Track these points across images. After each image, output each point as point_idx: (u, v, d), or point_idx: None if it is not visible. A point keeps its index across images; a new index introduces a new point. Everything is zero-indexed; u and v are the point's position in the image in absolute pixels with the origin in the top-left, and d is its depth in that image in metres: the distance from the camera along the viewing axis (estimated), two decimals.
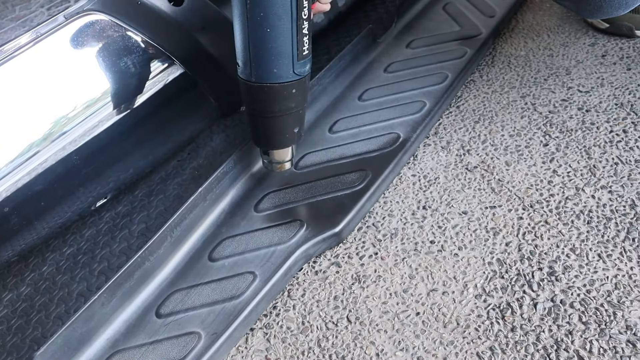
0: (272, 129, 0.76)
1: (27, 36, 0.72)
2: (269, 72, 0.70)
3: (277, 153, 0.80)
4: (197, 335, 0.67)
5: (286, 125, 0.76)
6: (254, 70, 0.70)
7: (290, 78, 0.71)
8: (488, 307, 0.69)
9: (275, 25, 0.67)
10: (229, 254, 0.76)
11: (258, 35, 0.68)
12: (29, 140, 0.71)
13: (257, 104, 0.74)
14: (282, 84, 0.71)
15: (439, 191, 0.85)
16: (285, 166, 0.82)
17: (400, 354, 0.66)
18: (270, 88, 0.71)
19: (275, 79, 0.70)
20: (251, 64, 0.70)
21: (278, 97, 0.72)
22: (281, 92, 0.72)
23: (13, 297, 0.82)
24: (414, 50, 1.10)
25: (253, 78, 0.71)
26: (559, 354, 0.64)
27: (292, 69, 0.70)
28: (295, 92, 0.73)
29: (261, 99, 0.73)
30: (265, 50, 0.68)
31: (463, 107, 1.01)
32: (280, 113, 0.74)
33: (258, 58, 0.69)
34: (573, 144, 0.90)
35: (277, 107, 0.73)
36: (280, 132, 0.77)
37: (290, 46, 0.69)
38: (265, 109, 0.74)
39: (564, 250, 0.74)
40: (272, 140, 0.78)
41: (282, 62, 0.69)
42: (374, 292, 0.73)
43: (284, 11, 0.66)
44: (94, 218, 0.92)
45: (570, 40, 1.14)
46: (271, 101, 0.73)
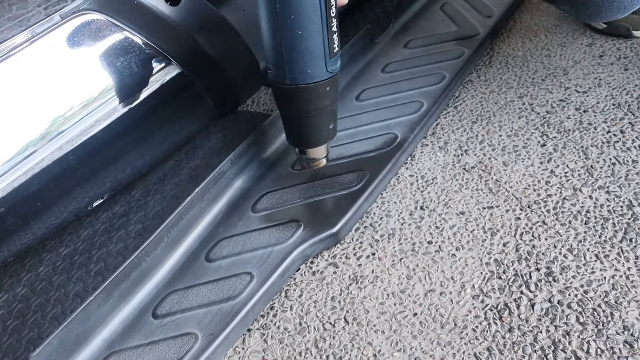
0: (309, 128, 0.77)
1: (23, 35, 0.72)
2: (303, 73, 0.71)
3: (314, 151, 0.81)
4: (194, 336, 0.67)
5: (322, 123, 0.77)
6: (288, 72, 0.71)
7: (324, 77, 0.72)
8: (485, 307, 0.69)
9: (306, 26, 0.67)
10: (226, 254, 0.76)
11: (289, 39, 0.68)
12: (25, 140, 0.71)
13: (292, 105, 0.75)
14: (317, 83, 0.72)
15: (436, 191, 0.85)
16: (322, 162, 0.82)
17: (397, 354, 0.66)
18: (305, 89, 0.72)
19: (310, 79, 0.71)
20: (285, 67, 0.70)
21: (313, 96, 0.73)
22: (316, 91, 0.72)
23: (9, 297, 0.82)
24: (411, 50, 1.10)
25: (287, 81, 0.72)
26: (557, 354, 0.64)
27: (325, 67, 0.71)
28: (329, 90, 0.74)
29: (297, 100, 0.73)
30: (298, 52, 0.69)
31: (461, 107, 1.01)
32: (316, 112, 0.75)
33: (291, 60, 0.70)
34: (570, 144, 0.90)
35: (313, 107, 0.74)
36: (316, 130, 0.78)
37: (322, 45, 0.69)
38: (301, 109, 0.75)
39: (562, 251, 0.74)
40: (309, 139, 0.79)
41: (315, 62, 0.70)
42: (371, 293, 0.73)
43: (313, 12, 0.66)
44: (91, 218, 0.91)
45: (567, 40, 1.14)
46: (307, 101, 0.73)
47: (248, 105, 1.15)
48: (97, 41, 0.77)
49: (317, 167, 0.82)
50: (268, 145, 0.89)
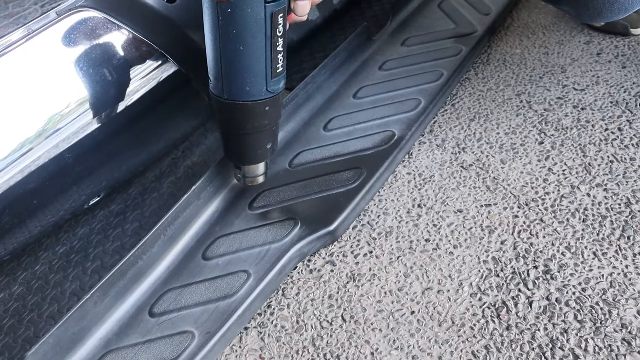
0: (244, 146, 0.75)
1: (18, 32, 0.71)
2: (242, 89, 0.68)
3: (249, 168, 0.79)
4: (191, 335, 0.67)
5: (258, 142, 0.74)
6: (226, 87, 0.68)
7: (263, 96, 0.69)
8: (483, 305, 0.69)
9: (248, 42, 0.64)
10: (223, 252, 0.75)
11: (230, 52, 0.65)
12: (21, 138, 0.70)
13: (229, 121, 0.72)
14: (255, 102, 0.69)
15: (434, 189, 0.85)
16: (257, 180, 0.80)
17: (395, 352, 0.66)
18: (242, 106, 0.69)
19: (248, 97, 0.69)
20: (223, 81, 0.68)
21: (250, 114, 0.70)
22: (254, 110, 0.70)
23: (5, 296, 0.81)
24: (409, 47, 1.10)
25: (225, 95, 0.69)
26: (554, 352, 0.63)
27: (266, 86, 0.68)
28: (268, 110, 0.71)
29: (233, 117, 0.71)
30: (238, 68, 0.66)
31: (458, 105, 1.01)
32: (253, 130, 0.72)
33: (230, 75, 0.67)
34: (568, 142, 0.90)
35: (250, 125, 0.72)
36: (252, 148, 0.75)
37: (264, 64, 0.67)
38: (237, 126, 0.72)
39: (559, 249, 0.74)
40: (244, 156, 0.77)
41: (255, 80, 0.67)
42: (368, 291, 0.73)
43: (257, 28, 0.64)
44: (87, 217, 0.91)
45: (565, 38, 1.14)
46: (243, 119, 0.71)
47: None
48: (93, 38, 0.76)
49: (253, 184, 0.80)
50: None
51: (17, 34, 0.71)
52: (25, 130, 0.71)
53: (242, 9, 0.62)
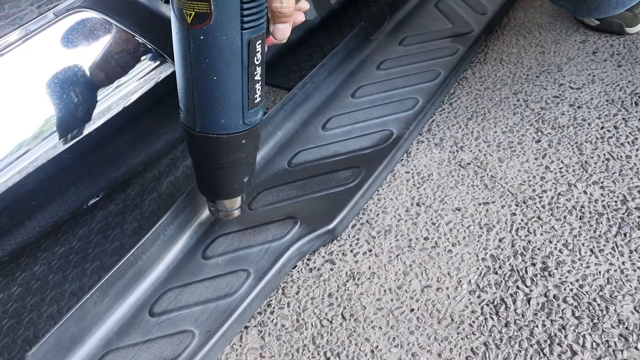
0: (219, 180, 0.70)
1: (16, 33, 0.71)
2: (216, 122, 0.62)
3: (224, 202, 0.74)
4: (191, 334, 0.67)
5: (234, 176, 0.69)
6: (199, 119, 0.62)
7: (240, 129, 0.64)
8: (482, 302, 0.70)
9: (223, 72, 0.59)
10: (223, 251, 0.76)
11: (202, 83, 0.60)
12: (20, 139, 0.71)
13: (202, 154, 0.67)
14: (231, 135, 0.63)
15: (432, 188, 0.85)
16: (233, 214, 0.75)
17: (395, 350, 0.66)
18: (216, 139, 0.63)
19: (223, 130, 0.63)
20: (195, 113, 0.62)
21: (226, 148, 0.65)
22: (229, 143, 0.64)
23: (4, 297, 0.81)
24: (406, 47, 1.10)
25: (197, 127, 0.63)
26: (553, 348, 0.64)
27: (242, 119, 0.63)
28: (245, 143, 0.65)
29: (207, 150, 0.65)
30: (211, 99, 0.60)
31: (456, 104, 1.01)
32: (229, 164, 0.67)
33: (203, 107, 0.61)
34: (565, 140, 0.90)
35: (225, 159, 0.66)
36: (227, 182, 0.70)
37: (240, 95, 0.61)
38: (211, 160, 0.67)
39: (557, 246, 0.75)
40: (219, 191, 0.72)
41: (231, 112, 0.62)
42: (368, 289, 0.73)
43: (232, 57, 0.58)
44: (86, 217, 0.91)
45: (561, 37, 1.14)
46: (218, 152, 0.65)
47: None
48: (92, 39, 0.76)
49: (227, 218, 0.76)
50: (264, 143, 0.89)
51: (15, 34, 0.71)
52: (24, 131, 0.71)
53: (215, 36, 0.56)
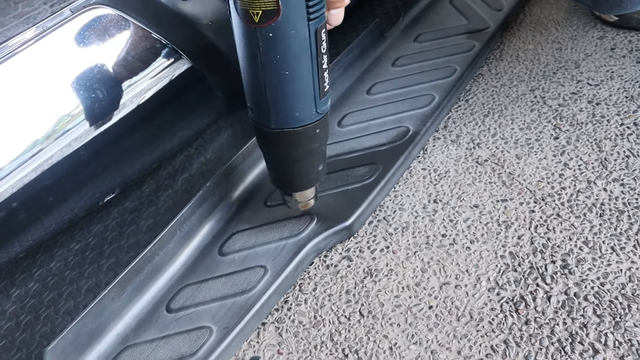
0: (296, 172, 0.70)
1: (32, 30, 0.71)
2: (291, 116, 0.63)
3: (301, 194, 0.74)
4: (209, 330, 0.67)
5: (311, 166, 0.70)
6: (273, 116, 0.63)
7: (314, 119, 0.64)
8: (501, 300, 0.69)
9: (294, 66, 0.59)
10: (239, 248, 0.75)
11: (275, 80, 0.60)
12: (37, 136, 0.71)
13: (278, 149, 0.67)
14: (306, 127, 0.64)
15: (449, 185, 0.85)
16: (310, 204, 0.75)
17: (414, 347, 0.66)
18: (292, 133, 0.64)
19: (298, 123, 0.64)
20: (269, 110, 0.63)
21: (302, 140, 0.65)
22: (305, 135, 0.65)
23: (21, 293, 0.81)
24: (421, 44, 1.09)
25: (272, 124, 0.64)
26: (574, 346, 0.63)
27: (315, 108, 0.64)
28: (319, 132, 0.66)
29: (283, 145, 0.66)
30: (285, 95, 0.61)
31: (472, 100, 1.00)
32: (305, 155, 0.68)
33: (277, 103, 0.62)
34: (584, 137, 0.89)
35: (302, 150, 0.67)
36: (304, 174, 0.71)
37: (312, 86, 0.61)
38: (288, 154, 0.67)
39: (577, 243, 0.74)
40: (296, 183, 0.72)
41: (304, 104, 0.62)
42: (386, 286, 0.72)
43: (302, 50, 0.58)
44: (102, 214, 0.91)
45: (578, 33, 1.13)
46: (294, 146, 0.66)
47: None
48: (107, 36, 0.76)
49: (304, 208, 0.76)
50: None
51: (32, 31, 0.71)
52: (41, 128, 0.71)
53: (284, 31, 0.56)
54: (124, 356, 0.66)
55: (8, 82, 0.69)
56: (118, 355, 0.66)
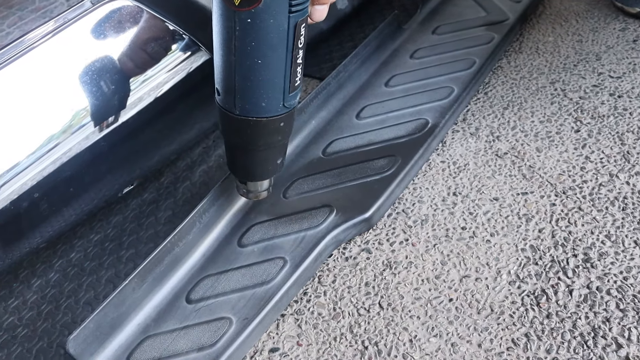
0: (254, 162, 0.70)
1: (53, 22, 0.72)
2: (257, 105, 0.62)
3: (255, 184, 0.74)
4: (228, 321, 0.67)
5: (269, 158, 0.70)
6: (239, 102, 0.62)
7: (280, 112, 0.63)
8: (522, 293, 0.68)
9: (268, 56, 0.58)
10: (259, 239, 0.75)
11: (246, 66, 0.59)
12: (57, 128, 0.71)
13: (239, 137, 0.67)
14: (270, 119, 0.63)
15: (469, 177, 0.84)
16: (261, 195, 0.75)
17: (434, 340, 0.65)
18: (256, 122, 0.63)
19: (263, 113, 0.63)
20: (235, 96, 0.62)
21: (264, 131, 0.65)
22: (268, 126, 0.64)
23: (42, 283, 0.82)
24: (440, 36, 1.08)
25: (237, 111, 0.63)
26: (597, 341, 0.62)
27: (283, 102, 0.63)
28: (283, 125, 0.65)
29: (244, 133, 0.65)
30: (254, 83, 0.60)
31: (491, 93, 1.00)
32: (265, 147, 0.67)
33: (244, 90, 0.61)
34: (605, 130, 0.88)
35: (262, 141, 0.66)
36: (262, 165, 0.70)
37: (283, 78, 0.60)
38: (248, 142, 0.67)
39: (599, 237, 0.73)
40: (253, 173, 0.72)
41: (273, 96, 0.62)
42: (405, 279, 0.72)
43: (279, 41, 0.57)
44: (120, 205, 0.92)
45: (599, 25, 1.12)
46: (256, 135, 0.65)
47: None
48: (127, 27, 0.76)
49: (256, 199, 0.76)
50: (298, 132, 0.88)
51: (52, 23, 0.71)
52: (61, 120, 0.71)
53: (263, 19, 0.55)
54: (145, 346, 0.67)
55: (30, 75, 0.69)
56: (139, 345, 0.67)
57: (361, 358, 0.65)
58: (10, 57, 0.68)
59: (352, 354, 0.66)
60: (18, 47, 0.69)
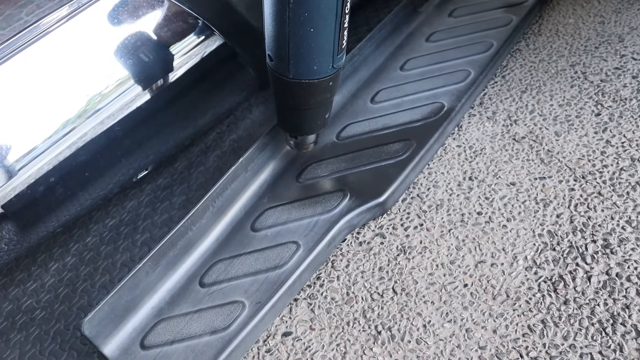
0: (305, 119, 0.76)
1: (66, 8, 0.72)
2: (309, 69, 0.68)
3: (305, 137, 0.81)
4: (241, 304, 0.67)
5: (319, 114, 0.76)
6: (292, 67, 0.68)
7: (329, 73, 0.69)
8: (539, 279, 0.67)
9: (319, 24, 0.63)
10: (272, 223, 0.75)
11: (299, 35, 0.64)
12: (71, 113, 0.71)
13: (292, 98, 0.72)
14: (321, 79, 0.69)
15: (485, 162, 0.82)
16: (310, 147, 0.83)
17: (448, 325, 0.65)
18: (308, 84, 0.69)
19: (315, 75, 0.69)
20: (289, 62, 0.67)
21: (315, 91, 0.71)
22: (319, 86, 0.70)
23: (59, 266, 0.83)
24: (456, 19, 1.06)
25: (290, 75, 0.68)
26: (616, 328, 0.61)
27: (332, 63, 0.68)
28: (332, 84, 0.71)
29: (297, 94, 0.71)
30: (307, 49, 0.65)
31: (509, 76, 0.98)
32: (315, 105, 0.73)
33: (297, 56, 0.66)
34: (627, 113, 0.86)
35: (313, 100, 0.72)
36: (312, 121, 0.77)
37: (332, 43, 0.66)
38: (300, 102, 0.73)
39: (619, 223, 0.71)
40: (304, 128, 0.79)
41: (323, 59, 0.67)
42: (419, 264, 0.71)
43: (329, 10, 0.62)
44: (135, 190, 0.92)
45: (622, 6, 1.08)
46: (308, 95, 0.71)
47: None
48: (141, 12, 0.76)
49: (306, 151, 0.83)
50: None
51: (66, 9, 0.71)
52: (76, 105, 0.72)
53: None
54: (159, 329, 0.67)
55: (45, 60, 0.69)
56: (153, 328, 0.67)
57: (374, 343, 0.65)
58: (26, 42, 0.69)
59: (365, 338, 0.65)
60: (33, 32, 0.69)
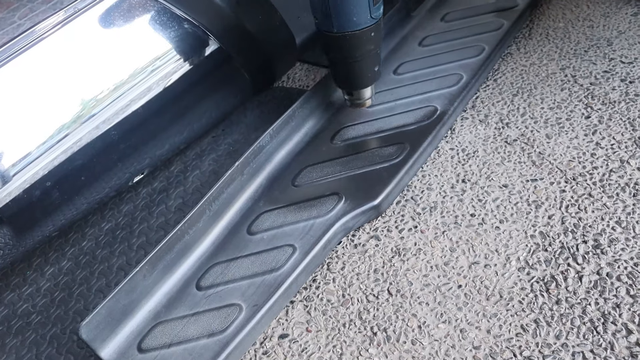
0: (355, 72, 0.83)
1: (62, 13, 0.72)
2: (349, 21, 0.76)
3: (360, 92, 0.86)
4: (238, 307, 0.68)
5: (368, 66, 0.82)
6: (335, 21, 0.76)
7: (369, 23, 0.77)
8: (532, 280, 0.68)
9: None
10: (268, 227, 0.76)
11: None
12: (66, 118, 0.72)
13: (339, 51, 0.80)
14: (362, 30, 0.77)
15: (478, 164, 0.84)
16: (367, 103, 0.88)
17: (442, 326, 0.66)
18: (351, 36, 0.77)
19: (355, 27, 0.77)
20: (332, 16, 0.76)
21: (359, 42, 0.78)
22: (361, 37, 0.78)
23: (55, 271, 0.83)
24: (448, 23, 1.08)
25: (334, 29, 0.77)
26: (607, 326, 0.62)
27: (370, 14, 0.76)
28: (373, 35, 0.78)
29: (344, 47, 0.79)
30: (345, 2, 0.74)
31: (500, 80, 0.99)
32: (362, 57, 0.80)
33: (338, 10, 0.75)
34: (616, 115, 0.87)
35: (359, 52, 0.80)
36: (362, 73, 0.83)
37: None
38: (347, 55, 0.80)
39: (609, 223, 0.73)
40: (355, 82, 0.85)
41: (361, 10, 0.75)
42: (414, 265, 0.72)
43: None
44: (131, 194, 0.92)
45: (611, 10, 1.10)
46: (353, 47, 0.79)
47: (284, 82, 1.15)
48: (136, 17, 0.77)
49: (364, 107, 0.88)
50: (306, 120, 0.89)
51: (61, 14, 0.72)
52: (70, 110, 0.72)
53: None
54: (156, 332, 0.67)
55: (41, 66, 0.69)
56: (150, 331, 0.68)
57: (370, 344, 0.66)
58: (21, 48, 0.69)
59: (361, 339, 0.66)
60: (29, 38, 0.70)
